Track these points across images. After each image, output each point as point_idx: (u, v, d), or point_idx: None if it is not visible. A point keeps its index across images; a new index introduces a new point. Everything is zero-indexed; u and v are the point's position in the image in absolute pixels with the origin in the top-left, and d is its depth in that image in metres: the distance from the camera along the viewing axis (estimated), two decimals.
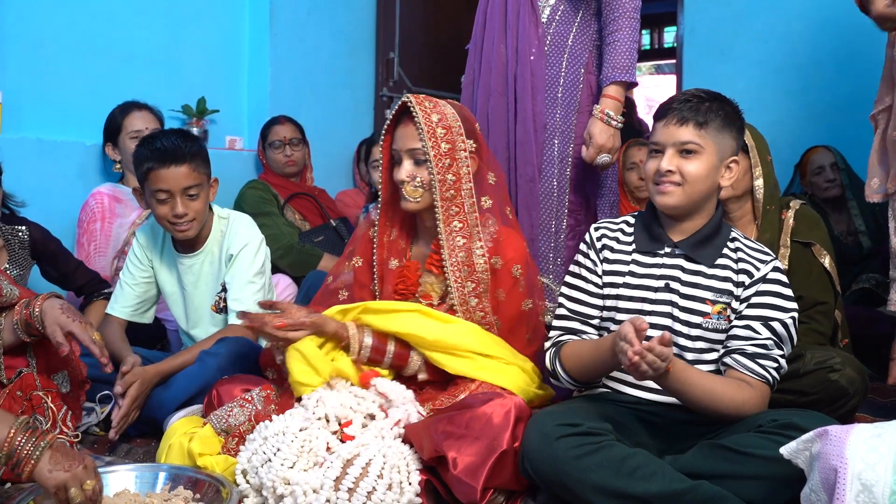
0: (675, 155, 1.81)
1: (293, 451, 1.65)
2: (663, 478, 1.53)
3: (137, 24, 3.31)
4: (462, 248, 1.99)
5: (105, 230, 2.83)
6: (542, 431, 1.59)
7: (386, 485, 1.57)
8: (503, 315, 2.01)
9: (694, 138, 1.80)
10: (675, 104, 1.84)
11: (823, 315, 2.33)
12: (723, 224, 1.87)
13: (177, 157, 2.22)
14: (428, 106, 1.99)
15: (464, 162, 1.99)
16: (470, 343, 1.91)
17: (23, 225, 2.46)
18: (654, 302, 1.81)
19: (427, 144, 1.95)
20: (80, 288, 2.60)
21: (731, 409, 1.65)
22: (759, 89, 3.91)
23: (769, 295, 1.76)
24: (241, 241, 2.38)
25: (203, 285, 2.42)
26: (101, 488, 1.53)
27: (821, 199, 3.41)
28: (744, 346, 1.72)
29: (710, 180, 1.81)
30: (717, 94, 1.86)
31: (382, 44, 4.34)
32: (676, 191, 1.81)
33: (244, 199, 3.36)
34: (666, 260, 1.84)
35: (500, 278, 1.99)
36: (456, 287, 1.98)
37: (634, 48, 2.34)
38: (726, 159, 1.82)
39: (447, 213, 1.99)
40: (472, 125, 2.06)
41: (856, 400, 2.00)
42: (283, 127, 3.54)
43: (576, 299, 1.91)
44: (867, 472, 1.25)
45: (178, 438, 1.85)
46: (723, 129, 1.81)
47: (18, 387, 1.88)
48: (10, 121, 2.79)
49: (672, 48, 7.11)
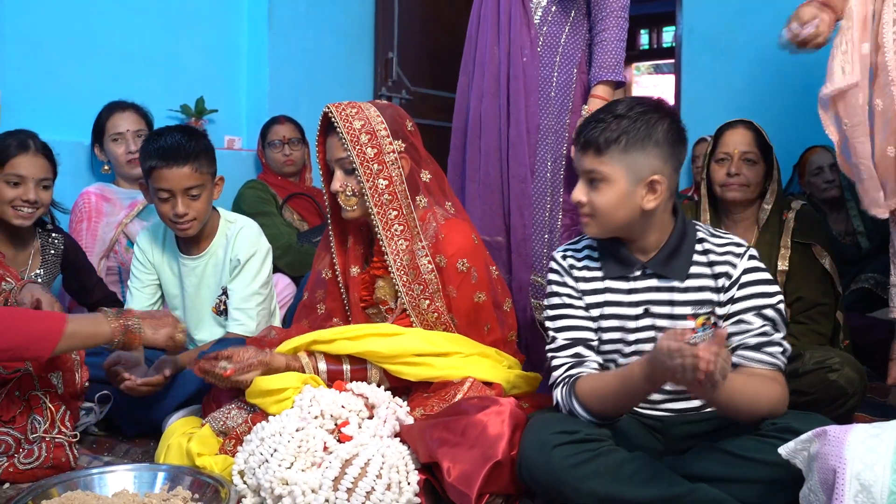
0: (585, 184, 1.69)
1: (290, 451, 1.64)
2: (661, 482, 1.52)
3: (136, 23, 3.31)
4: (406, 251, 1.97)
5: (91, 229, 2.83)
6: (540, 439, 1.58)
7: (385, 485, 1.57)
8: (458, 311, 1.99)
9: (595, 166, 1.66)
10: (582, 127, 1.71)
11: (823, 316, 2.33)
12: (687, 229, 1.74)
13: (179, 156, 2.21)
14: (350, 113, 1.96)
15: (394, 164, 1.97)
16: (423, 347, 1.88)
17: (59, 234, 2.54)
18: (636, 330, 1.73)
19: (352, 153, 1.93)
20: (94, 303, 2.62)
21: (767, 407, 1.58)
22: (758, 88, 3.91)
23: (753, 285, 1.68)
24: (249, 249, 2.37)
25: (205, 287, 2.41)
26: (185, 328, 2.00)
27: (819, 200, 3.41)
28: (745, 339, 1.65)
29: (626, 208, 1.66)
30: (635, 104, 1.67)
31: (381, 44, 4.34)
32: (591, 222, 1.70)
33: (242, 199, 3.36)
34: (639, 283, 1.73)
35: (447, 276, 1.97)
36: (405, 291, 1.97)
37: (621, 47, 2.34)
38: (643, 180, 1.64)
39: (385, 218, 1.97)
40: (400, 124, 2.01)
41: (855, 400, 2.00)
42: (282, 126, 3.54)
43: (568, 327, 1.78)
44: (866, 473, 1.25)
45: (176, 439, 1.85)
46: (632, 148, 1.63)
47: (17, 387, 1.88)
48: (8, 120, 2.79)
49: (671, 48, 7.11)
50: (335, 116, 1.95)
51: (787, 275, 2.34)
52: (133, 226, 2.86)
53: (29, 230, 2.45)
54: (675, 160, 1.68)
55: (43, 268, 2.49)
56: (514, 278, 2.43)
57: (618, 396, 1.62)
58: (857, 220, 3.34)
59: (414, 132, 2.05)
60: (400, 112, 2.06)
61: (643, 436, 1.73)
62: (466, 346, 1.95)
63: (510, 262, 2.44)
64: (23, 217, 2.35)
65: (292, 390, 1.83)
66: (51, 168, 2.42)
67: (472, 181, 2.48)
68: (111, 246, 2.84)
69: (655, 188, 1.65)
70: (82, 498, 1.59)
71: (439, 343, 1.91)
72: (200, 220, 2.31)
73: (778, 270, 2.34)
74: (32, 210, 2.36)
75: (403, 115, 2.06)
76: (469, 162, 2.50)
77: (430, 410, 1.83)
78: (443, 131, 2.60)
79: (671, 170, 1.68)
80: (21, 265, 2.44)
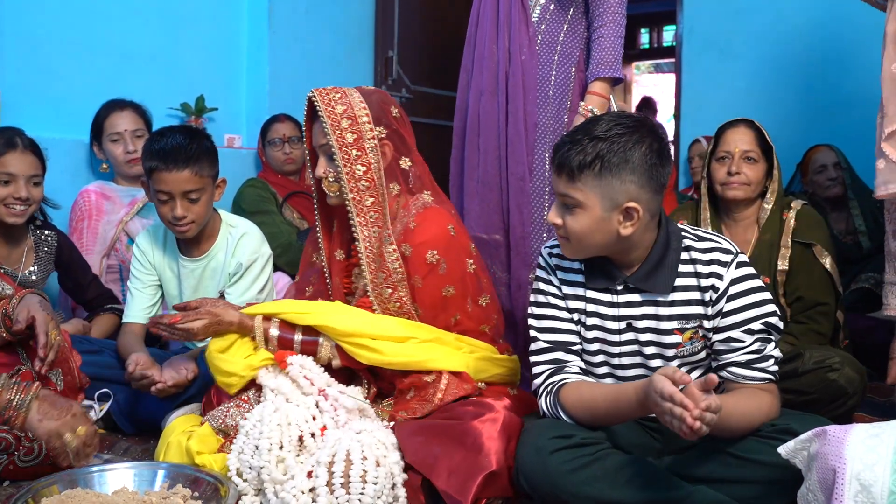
0: (560, 206, 1.63)
1: (273, 429, 1.66)
2: (659, 485, 1.52)
3: (136, 21, 3.31)
4: (377, 237, 1.95)
5: (92, 228, 2.83)
6: (536, 445, 1.57)
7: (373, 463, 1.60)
8: (422, 302, 1.94)
9: (568, 191, 1.58)
10: (558, 146, 1.63)
11: (824, 316, 2.33)
12: (670, 240, 1.66)
13: (178, 160, 2.20)
14: (333, 97, 1.95)
15: (373, 151, 1.94)
16: (378, 330, 1.86)
17: (53, 231, 2.54)
18: (620, 343, 1.70)
19: (331, 138, 1.92)
20: (90, 301, 2.63)
21: (761, 420, 1.56)
22: (759, 87, 3.92)
23: (741, 296, 1.62)
24: (251, 255, 2.38)
25: (202, 290, 2.41)
26: (95, 431, 1.58)
27: (821, 198, 3.41)
28: (735, 357, 1.62)
29: (601, 234, 1.59)
30: (614, 125, 1.57)
31: (381, 42, 4.34)
32: (566, 245, 1.66)
33: (242, 198, 3.36)
34: (622, 298, 1.68)
35: (413, 265, 1.93)
36: (370, 278, 1.95)
37: (619, 44, 2.33)
38: (619, 206, 1.57)
39: (361, 206, 1.94)
40: (384, 110, 1.99)
41: (855, 399, 2.00)
42: (283, 125, 3.54)
43: (550, 329, 1.74)
44: (865, 473, 1.25)
45: (176, 437, 1.85)
46: (607, 174, 1.55)
47: None
48: (8, 118, 2.78)
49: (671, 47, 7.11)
50: (318, 101, 1.95)
51: (787, 274, 2.34)
52: (133, 223, 2.86)
53: (21, 228, 2.45)
54: (654, 183, 1.58)
55: (36, 265, 2.49)
56: (513, 276, 2.43)
57: (609, 414, 1.60)
58: (859, 220, 3.34)
59: (400, 119, 2.02)
60: (386, 98, 2.04)
61: (640, 435, 1.73)
62: (423, 332, 1.91)
63: (509, 261, 2.44)
64: (16, 215, 2.36)
65: (237, 378, 1.85)
66: (40, 164, 2.42)
67: (471, 179, 2.48)
68: (112, 244, 2.83)
69: (632, 215, 1.58)
70: (82, 495, 1.58)
71: (394, 328, 1.88)
72: (199, 223, 2.31)
73: (778, 270, 2.34)
74: (25, 207, 2.36)
75: (389, 101, 2.03)
76: (468, 160, 2.50)
77: (413, 413, 1.82)
78: (443, 130, 2.60)
79: (650, 193, 1.59)
80: (14, 263, 2.45)
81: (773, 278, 2.34)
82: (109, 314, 2.61)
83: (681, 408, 1.35)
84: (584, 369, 1.74)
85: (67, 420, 1.55)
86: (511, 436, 1.67)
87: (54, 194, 2.59)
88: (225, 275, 2.39)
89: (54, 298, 2.77)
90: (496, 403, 1.76)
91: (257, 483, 1.68)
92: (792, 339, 2.29)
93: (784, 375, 1.80)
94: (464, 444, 1.64)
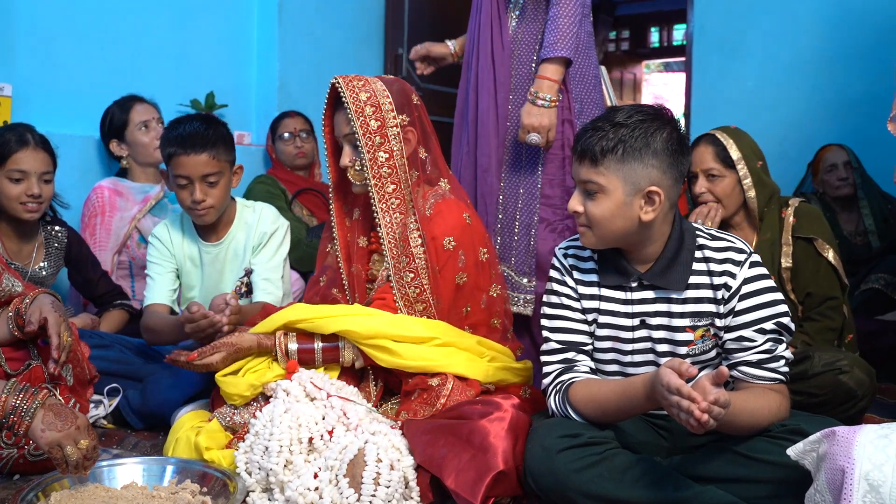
0: (581, 194, 1.65)
1: (284, 431, 1.67)
2: (667, 484, 1.51)
3: (146, 18, 3.32)
4: (399, 224, 1.96)
5: (105, 224, 2.84)
6: (543, 445, 1.57)
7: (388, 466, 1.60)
8: (439, 292, 1.96)
9: (591, 176, 1.61)
10: (579, 135, 1.66)
11: (834, 310, 2.33)
12: (685, 237, 1.68)
13: (197, 144, 2.25)
14: (356, 85, 1.98)
15: (396, 138, 1.97)
16: (400, 330, 1.87)
17: (63, 227, 2.56)
18: (632, 341, 1.70)
19: (355, 125, 1.94)
20: (100, 297, 2.64)
21: (770, 419, 1.56)
22: (770, 87, 3.90)
23: (754, 296, 1.62)
24: (273, 225, 2.46)
25: (228, 272, 2.44)
26: (97, 446, 1.56)
27: (831, 198, 3.39)
28: (746, 357, 1.62)
29: (623, 219, 1.62)
30: (634, 113, 1.61)
31: (391, 39, 4.34)
32: (587, 232, 1.66)
33: (252, 194, 3.36)
34: (635, 295, 1.69)
35: (434, 253, 1.95)
36: (393, 263, 1.96)
37: (567, 24, 2.26)
38: (641, 191, 1.60)
39: (383, 192, 1.97)
40: (406, 98, 2.02)
41: (864, 402, 1.99)
42: (293, 119, 3.55)
43: (562, 329, 1.75)
44: (875, 473, 1.25)
45: (185, 432, 1.86)
46: (630, 158, 1.58)
47: (27, 379, 1.88)
48: (19, 114, 2.80)
49: (681, 45, 7.08)
50: (342, 87, 1.96)
51: (791, 271, 2.34)
52: (146, 221, 2.87)
53: (32, 224, 2.47)
54: (675, 170, 1.61)
55: (46, 261, 2.51)
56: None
57: (619, 409, 1.60)
58: (869, 220, 3.32)
59: (420, 106, 2.06)
60: (406, 86, 2.06)
61: (649, 434, 1.73)
62: (445, 333, 1.92)
63: None
64: (31, 211, 2.37)
65: (239, 398, 1.85)
66: (51, 161, 2.43)
67: (455, 173, 2.49)
68: (124, 241, 2.85)
69: (654, 199, 1.60)
70: (91, 490, 1.60)
71: (415, 328, 1.89)
72: (218, 208, 2.34)
73: (782, 268, 2.34)
74: (38, 204, 2.38)
75: (410, 90, 2.06)
76: (454, 156, 2.57)
77: (415, 415, 1.82)
78: (452, 128, 2.62)
79: (671, 180, 1.61)
80: (25, 259, 2.47)
81: (779, 276, 2.33)
82: (119, 310, 2.62)
83: (688, 401, 1.35)
84: (593, 369, 1.74)
85: (70, 432, 1.53)
86: (519, 434, 1.67)
87: (64, 191, 2.60)
88: (248, 251, 2.43)
89: (64, 294, 2.79)
90: (504, 402, 1.75)
91: (265, 482, 1.69)
92: (805, 338, 2.29)
93: (794, 378, 1.79)
94: (471, 442, 1.64)
